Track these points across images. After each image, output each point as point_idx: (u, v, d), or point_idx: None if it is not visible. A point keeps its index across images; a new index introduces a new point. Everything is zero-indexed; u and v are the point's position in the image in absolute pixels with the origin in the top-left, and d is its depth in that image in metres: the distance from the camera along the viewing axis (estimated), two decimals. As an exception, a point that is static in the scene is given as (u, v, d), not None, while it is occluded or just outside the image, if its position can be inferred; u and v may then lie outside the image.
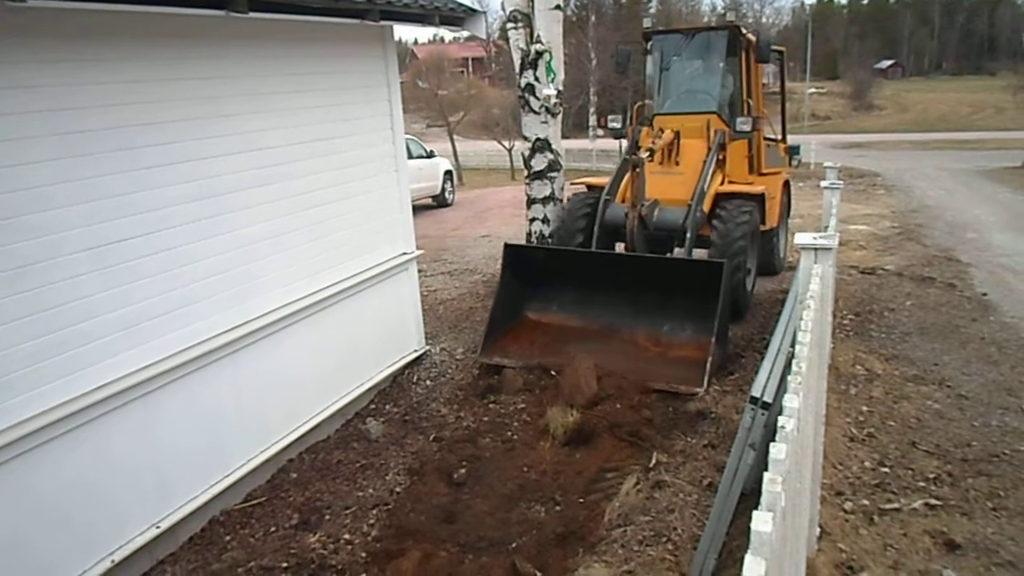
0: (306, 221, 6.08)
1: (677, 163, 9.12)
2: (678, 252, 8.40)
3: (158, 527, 4.80)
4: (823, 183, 7.52)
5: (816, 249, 3.82)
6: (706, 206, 8.47)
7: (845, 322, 8.43)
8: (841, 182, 7.90)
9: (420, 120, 45.44)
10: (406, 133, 7.83)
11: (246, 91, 5.43)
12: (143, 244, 4.65)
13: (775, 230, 10.04)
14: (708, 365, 6.55)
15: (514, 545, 4.79)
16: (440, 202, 20.12)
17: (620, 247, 8.60)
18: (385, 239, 7.17)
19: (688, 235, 8.10)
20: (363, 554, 4.80)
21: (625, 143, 9.64)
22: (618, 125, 9.95)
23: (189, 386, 5.04)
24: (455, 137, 34.83)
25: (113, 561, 4.49)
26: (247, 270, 5.52)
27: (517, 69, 9.53)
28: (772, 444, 1.84)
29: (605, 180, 9.10)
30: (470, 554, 4.72)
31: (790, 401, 2.17)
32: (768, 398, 3.84)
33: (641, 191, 7.88)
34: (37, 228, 4.03)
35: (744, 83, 9.55)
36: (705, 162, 8.67)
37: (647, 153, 8.08)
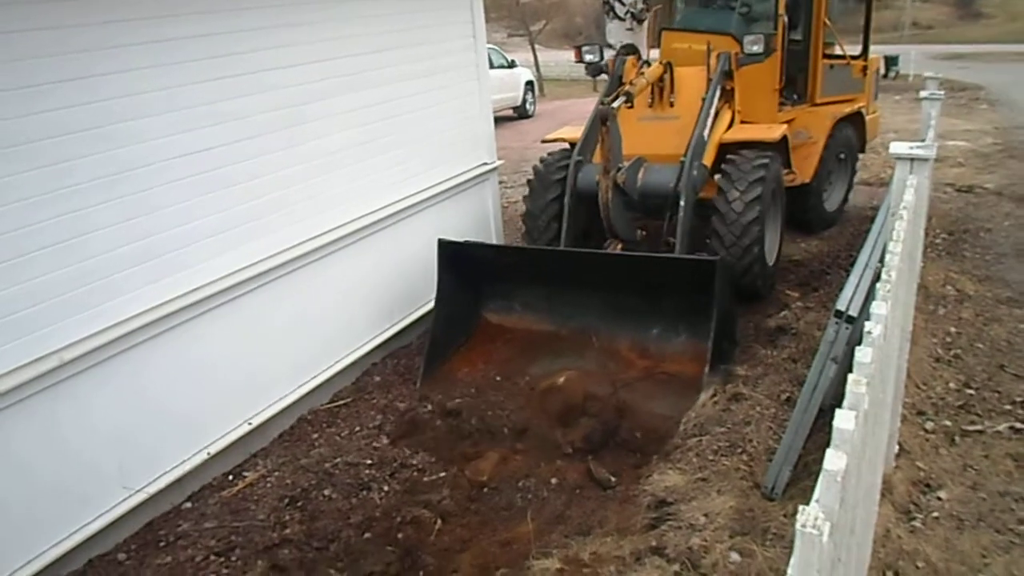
0: (389, 129, 6.11)
1: (672, 104, 7.02)
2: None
3: (250, 423, 5.05)
4: (922, 93, 7.11)
5: (912, 159, 3.67)
6: (708, 159, 6.55)
7: (937, 241, 8.13)
8: (942, 92, 7.46)
9: (501, 29, 44.60)
10: (487, 42, 7.70)
11: (330, -3, 5.42)
12: (231, 152, 4.74)
13: (811, 186, 7.91)
14: (700, 400, 5.17)
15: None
16: (521, 113, 19.97)
17: None
18: (466, 149, 7.17)
19: (682, 203, 6.08)
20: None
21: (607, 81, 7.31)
22: (594, 57, 7.45)
23: (277, 291, 5.21)
24: (536, 47, 34.18)
25: (209, 453, 4.76)
26: (340, 175, 5.60)
27: (602, -26, 9.20)
28: (857, 348, 1.83)
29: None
30: (545, 458, 4.84)
31: (878, 308, 2.13)
32: (853, 312, 3.77)
33: (616, 152, 6.06)
34: (137, 135, 4.15)
35: None
36: (704, 100, 6.68)
37: (623, 99, 6.10)
